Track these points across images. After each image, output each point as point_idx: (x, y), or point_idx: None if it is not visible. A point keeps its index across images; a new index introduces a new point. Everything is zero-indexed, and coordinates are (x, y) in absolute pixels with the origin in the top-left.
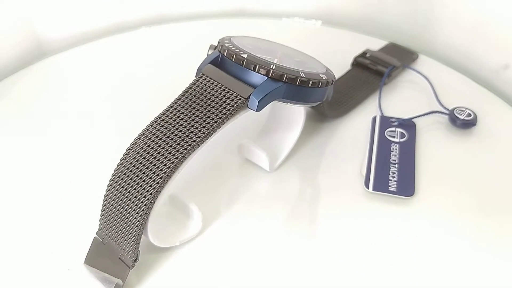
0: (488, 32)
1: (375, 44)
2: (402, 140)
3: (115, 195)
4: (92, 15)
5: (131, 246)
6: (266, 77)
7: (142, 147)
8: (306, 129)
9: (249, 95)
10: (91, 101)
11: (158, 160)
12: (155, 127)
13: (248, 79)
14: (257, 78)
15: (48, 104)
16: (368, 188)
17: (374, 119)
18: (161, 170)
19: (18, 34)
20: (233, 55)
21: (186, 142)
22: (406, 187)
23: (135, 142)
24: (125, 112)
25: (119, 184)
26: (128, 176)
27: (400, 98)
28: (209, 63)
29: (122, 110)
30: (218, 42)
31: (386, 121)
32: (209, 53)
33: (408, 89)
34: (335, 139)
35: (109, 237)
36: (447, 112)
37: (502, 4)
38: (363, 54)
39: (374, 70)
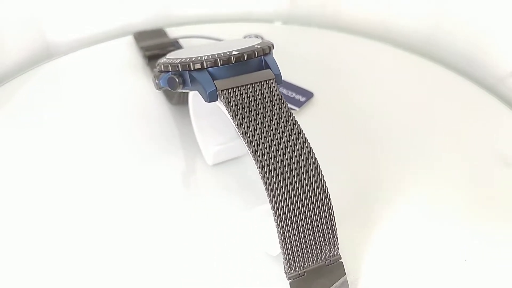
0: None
1: (378, 48)
2: None
3: (296, 222)
4: (100, 18)
5: (333, 248)
6: (262, 57)
7: (279, 162)
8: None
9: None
10: (98, 102)
11: (305, 159)
12: (264, 143)
13: (256, 66)
14: (259, 61)
15: (55, 105)
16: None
17: None
18: (313, 165)
19: (26, 36)
20: (231, 58)
21: (298, 133)
22: (305, 93)
23: (265, 165)
24: (133, 113)
25: (294, 209)
26: (297, 199)
27: None
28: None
29: (129, 111)
30: (179, 65)
31: None
32: (160, 80)
33: None
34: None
35: (306, 266)
36: None
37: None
38: (141, 49)
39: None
